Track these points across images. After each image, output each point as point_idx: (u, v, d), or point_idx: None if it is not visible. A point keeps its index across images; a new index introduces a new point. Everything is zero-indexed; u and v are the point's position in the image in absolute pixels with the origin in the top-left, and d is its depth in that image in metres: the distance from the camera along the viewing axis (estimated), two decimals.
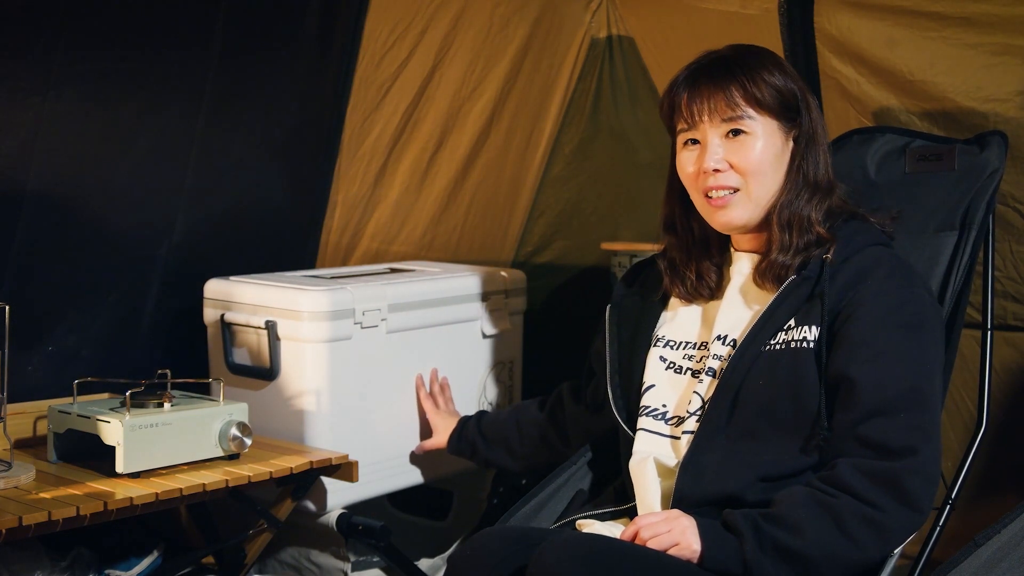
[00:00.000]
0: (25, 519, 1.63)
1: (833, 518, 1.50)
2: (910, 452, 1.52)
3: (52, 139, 2.05)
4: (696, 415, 1.69)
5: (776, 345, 1.65)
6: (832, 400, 1.59)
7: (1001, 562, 1.52)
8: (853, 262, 1.65)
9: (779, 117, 1.69)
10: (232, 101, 2.32)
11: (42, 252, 2.10)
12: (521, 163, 2.89)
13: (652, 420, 1.75)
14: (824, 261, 1.65)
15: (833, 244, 1.67)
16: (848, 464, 1.53)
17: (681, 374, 1.76)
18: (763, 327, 1.66)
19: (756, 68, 1.68)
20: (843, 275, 1.64)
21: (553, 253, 3.04)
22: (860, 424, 1.55)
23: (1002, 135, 1.91)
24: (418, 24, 2.52)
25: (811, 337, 1.62)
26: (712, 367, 1.70)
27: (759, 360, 1.65)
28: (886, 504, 1.50)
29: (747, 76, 1.67)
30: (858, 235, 1.69)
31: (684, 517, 1.54)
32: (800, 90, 1.71)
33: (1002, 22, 2.03)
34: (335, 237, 2.61)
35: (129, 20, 2.11)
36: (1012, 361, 2.17)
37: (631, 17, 2.78)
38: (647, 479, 1.70)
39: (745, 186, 1.68)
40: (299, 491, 2.05)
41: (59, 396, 2.02)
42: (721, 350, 1.71)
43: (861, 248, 1.67)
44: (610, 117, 2.91)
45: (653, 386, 1.77)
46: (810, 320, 1.63)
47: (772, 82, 1.68)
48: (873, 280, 1.63)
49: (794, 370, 1.61)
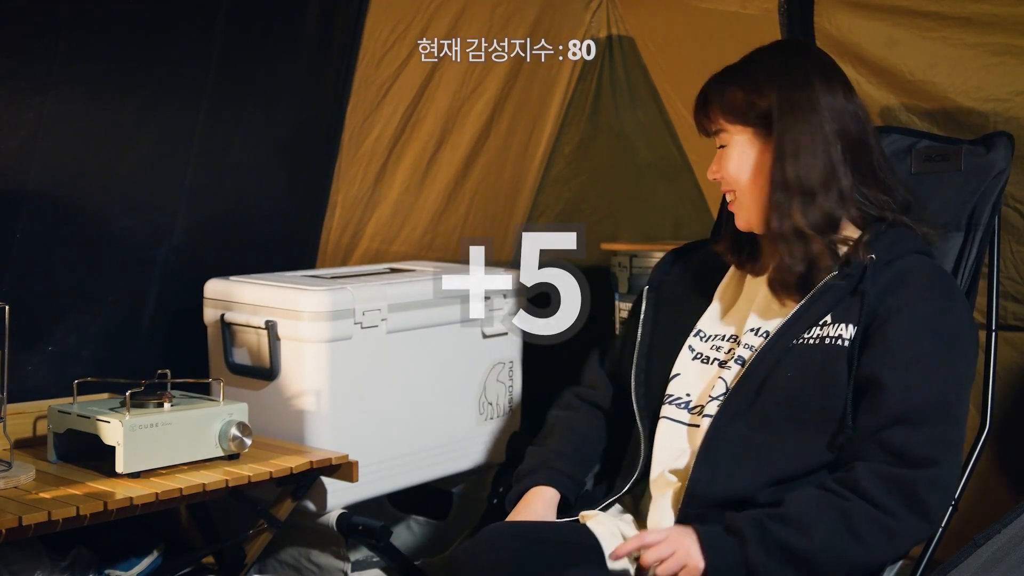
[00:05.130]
0: (25, 519, 1.63)
1: (844, 520, 1.49)
2: (930, 463, 1.51)
3: (52, 139, 2.05)
4: (719, 400, 1.67)
5: (810, 339, 1.64)
6: (858, 401, 1.58)
7: (1001, 562, 1.52)
8: (895, 266, 1.64)
9: (754, 126, 1.69)
10: (232, 101, 2.32)
11: (42, 252, 2.10)
12: (521, 163, 2.89)
13: (676, 408, 1.73)
14: (869, 261, 1.64)
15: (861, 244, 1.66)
16: (866, 468, 1.52)
17: (708, 364, 1.74)
18: (798, 320, 1.65)
19: (730, 81, 1.71)
20: (884, 277, 1.63)
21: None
22: (884, 429, 1.54)
23: (1009, 136, 1.90)
24: (418, 24, 2.52)
25: (847, 335, 1.61)
26: (742, 356, 1.69)
27: (790, 352, 1.64)
28: (899, 511, 1.49)
29: (722, 89, 1.71)
30: (902, 241, 1.68)
31: (686, 536, 1.52)
32: (782, 98, 1.67)
33: (1002, 22, 2.03)
34: (335, 237, 2.60)
35: (129, 20, 2.11)
36: (1012, 361, 2.17)
37: (631, 17, 2.78)
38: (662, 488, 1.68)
39: (737, 192, 1.73)
40: (299, 491, 2.05)
41: (59, 396, 2.02)
42: (754, 341, 1.69)
43: (904, 254, 1.66)
44: (610, 117, 2.91)
45: (679, 375, 1.75)
46: (848, 318, 1.62)
47: (747, 92, 1.69)
48: (914, 287, 1.62)
49: (825, 366, 1.61)
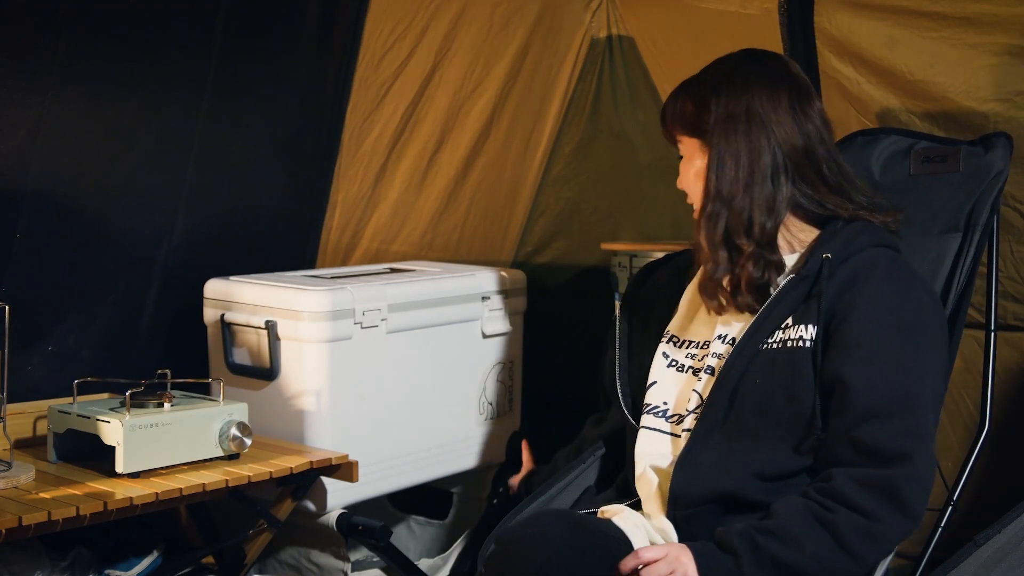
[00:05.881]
0: (25, 519, 1.63)
1: (831, 533, 1.50)
2: (904, 458, 1.51)
3: (52, 139, 2.05)
4: (695, 413, 1.69)
5: (773, 344, 1.65)
6: (827, 401, 1.59)
7: (1001, 562, 1.53)
8: (851, 263, 1.65)
9: (700, 137, 1.72)
10: (232, 101, 2.32)
11: (42, 252, 2.10)
12: (521, 163, 2.89)
13: (654, 418, 1.75)
14: (824, 260, 1.64)
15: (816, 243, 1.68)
16: (843, 474, 1.53)
17: (682, 372, 1.76)
18: (760, 325, 1.67)
19: (683, 92, 1.74)
20: (841, 275, 1.64)
21: (553, 253, 3.04)
22: (853, 428, 1.54)
23: (1007, 137, 1.90)
24: (418, 24, 2.52)
25: (808, 336, 1.62)
26: (711, 365, 1.71)
27: (757, 358, 1.65)
28: (882, 514, 1.50)
29: (674, 102, 1.75)
30: (861, 236, 1.68)
31: (683, 553, 1.52)
32: (720, 109, 1.68)
33: (1002, 22, 2.03)
34: (335, 237, 2.61)
35: (129, 20, 2.11)
36: (1012, 361, 2.17)
37: (631, 17, 2.78)
38: (648, 488, 1.70)
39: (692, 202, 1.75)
40: (299, 491, 2.05)
41: (59, 396, 2.02)
42: (720, 348, 1.71)
43: (862, 249, 1.67)
44: (610, 117, 2.91)
45: (655, 383, 1.78)
46: (807, 319, 1.63)
47: (695, 101, 1.71)
48: (871, 282, 1.62)
49: (791, 369, 1.62)
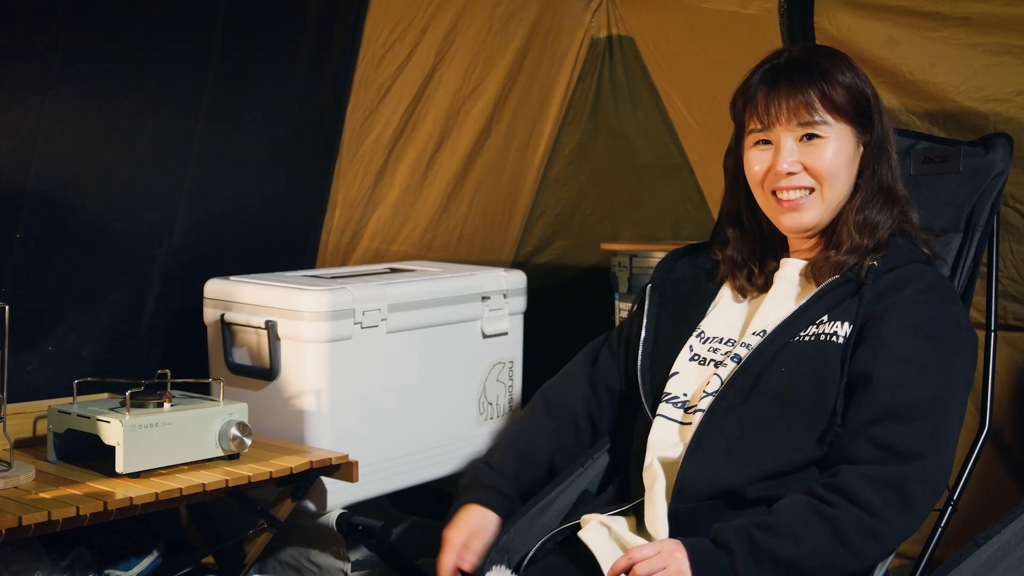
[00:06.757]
0: (25, 519, 1.63)
1: (831, 528, 1.49)
2: (918, 457, 1.51)
3: (52, 139, 2.05)
4: (712, 395, 1.67)
5: (806, 337, 1.65)
6: (850, 398, 1.59)
7: (1001, 562, 1.52)
8: (896, 273, 1.66)
9: (853, 123, 1.70)
10: (232, 101, 2.32)
11: (42, 252, 2.10)
12: (521, 163, 2.89)
13: (671, 407, 1.74)
14: (871, 267, 1.66)
15: (884, 253, 1.68)
16: (852, 471, 1.52)
17: (704, 365, 1.75)
18: (796, 319, 1.67)
19: (833, 72, 1.68)
20: (884, 282, 1.65)
21: (553, 253, 3.04)
22: (873, 425, 1.54)
23: (1007, 137, 1.91)
24: (418, 24, 2.52)
25: (841, 332, 1.62)
26: (739, 354, 1.70)
27: (786, 349, 1.65)
28: (886, 510, 1.49)
29: (826, 81, 1.67)
30: (906, 250, 1.71)
31: (678, 550, 1.52)
32: (873, 96, 1.72)
33: (1002, 22, 2.03)
34: (335, 237, 2.60)
35: (129, 20, 2.11)
36: (1012, 361, 2.17)
37: (631, 17, 2.78)
38: (652, 479, 1.69)
39: (819, 188, 1.69)
40: (299, 491, 2.05)
41: (59, 396, 2.02)
42: (752, 340, 1.70)
43: (907, 263, 1.68)
44: (610, 117, 2.92)
45: (677, 373, 1.76)
46: (844, 317, 1.64)
47: (848, 88, 1.68)
48: (911, 289, 1.63)
49: (818, 361, 1.61)
